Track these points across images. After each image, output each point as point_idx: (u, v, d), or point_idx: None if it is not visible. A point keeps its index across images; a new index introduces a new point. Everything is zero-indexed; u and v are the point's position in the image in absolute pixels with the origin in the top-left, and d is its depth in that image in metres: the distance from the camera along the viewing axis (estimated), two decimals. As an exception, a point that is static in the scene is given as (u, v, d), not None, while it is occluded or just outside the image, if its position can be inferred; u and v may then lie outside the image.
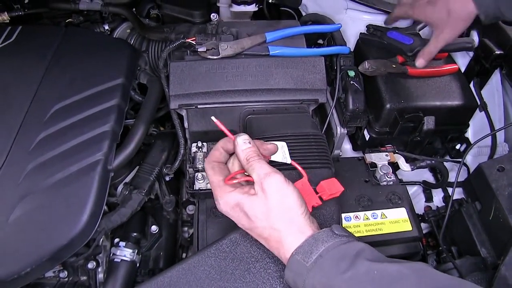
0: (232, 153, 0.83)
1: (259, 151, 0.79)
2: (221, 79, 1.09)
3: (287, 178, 0.75)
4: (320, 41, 1.38)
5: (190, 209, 1.25)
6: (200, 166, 1.05)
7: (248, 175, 0.78)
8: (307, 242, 0.70)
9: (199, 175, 1.03)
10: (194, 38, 1.12)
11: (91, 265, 1.08)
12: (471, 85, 1.27)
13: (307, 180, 0.84)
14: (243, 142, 0.79)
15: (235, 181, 0.79)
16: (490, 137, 1.22)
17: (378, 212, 1.05)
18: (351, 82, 1.17)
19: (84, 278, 1.11)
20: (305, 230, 0.72)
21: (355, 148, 1.34)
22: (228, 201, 0.77)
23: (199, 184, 1.02)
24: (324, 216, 0.88)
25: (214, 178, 0.80)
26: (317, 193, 0.85)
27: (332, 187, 0.85)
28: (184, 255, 1.27)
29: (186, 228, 1.29)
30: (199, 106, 1.09)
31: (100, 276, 1.12)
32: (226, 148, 0.83)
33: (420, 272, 0.64)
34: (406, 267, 0.65)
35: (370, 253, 0.68)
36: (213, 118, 0.83)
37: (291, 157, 0.90)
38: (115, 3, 1.40)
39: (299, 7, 1.49)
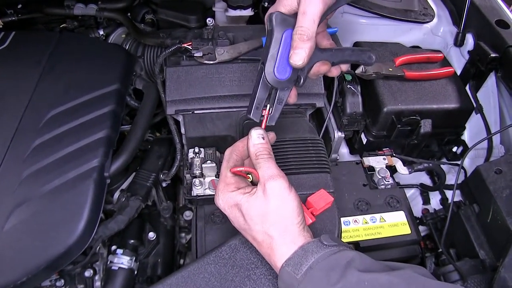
0: None
1: (270, 148, 0.78)
2: (218, 84, 1.08)
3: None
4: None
5: (187, 215, 1.24)
6: (197, 172, 1.04)
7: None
8: (297, 254, 0.70)
9: (196, 181, 1.02)
10: (190, 43, 1.12)
11: (88, 273, 1.07)
12: (467, 88, 1.28)
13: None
14: (256, 136, 0.78)
15: (239, 169, 0.79)
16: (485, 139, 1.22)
17: (377, 215, 1.05)
18: (348, 86, 1.17)
19: (81, 286, 1.09)
20: (297, 241, 0.72)
21: (352, 152, 1.34)
22: (228, 200, 0.77)
23: (197, 190, 1.01)
24: (323, 221, 0.87)
25: (224, 171, 0.80)
26: (307, 208, 0.84)
27: (320, 201, 0.84)
28: (181, 261, 1.25)
29: (183, 234, 1.28)
30: (196, 112, 1.08)
31: (97, 284, 1.11)
32: (238, 150, 0.82)
33: (409, 280, 0.64)
34: (396, 276, 0.65)
35: (360, 262, 0.68)
36: (267, 106, 0.82)
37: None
38: (110, 8, 1.39)
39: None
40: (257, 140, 0.78)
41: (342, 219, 1.02)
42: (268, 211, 0.73)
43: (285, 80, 0.80)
